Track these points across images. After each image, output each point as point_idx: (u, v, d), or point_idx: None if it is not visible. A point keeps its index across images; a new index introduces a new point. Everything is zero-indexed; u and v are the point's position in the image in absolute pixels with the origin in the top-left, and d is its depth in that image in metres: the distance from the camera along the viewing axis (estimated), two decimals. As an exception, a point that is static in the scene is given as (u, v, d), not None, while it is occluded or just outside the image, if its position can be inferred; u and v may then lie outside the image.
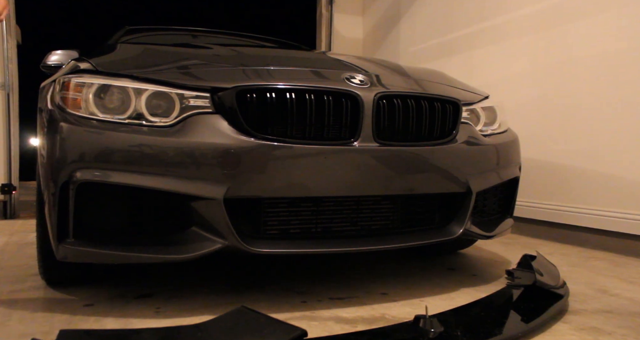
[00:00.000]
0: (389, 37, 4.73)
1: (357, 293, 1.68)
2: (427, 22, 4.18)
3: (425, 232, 1.70)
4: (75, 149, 1.36)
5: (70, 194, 1.35)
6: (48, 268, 1.66)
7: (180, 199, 1.38)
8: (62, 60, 2.30)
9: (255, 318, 1.24)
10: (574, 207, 2.77)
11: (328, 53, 3.69)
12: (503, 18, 3.32)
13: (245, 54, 2.01)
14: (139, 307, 1.50)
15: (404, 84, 1.73)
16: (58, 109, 1.44)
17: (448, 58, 3.87)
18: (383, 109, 1.56)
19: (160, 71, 1.52)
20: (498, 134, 1.91)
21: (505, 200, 1.98)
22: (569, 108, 2.81)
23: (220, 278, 1.86)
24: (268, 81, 1.49)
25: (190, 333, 1.19)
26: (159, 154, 1.36)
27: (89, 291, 1.65)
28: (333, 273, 1.97)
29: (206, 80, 1.48)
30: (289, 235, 1.53)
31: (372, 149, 1.52)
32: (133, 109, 1.42)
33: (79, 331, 1.23)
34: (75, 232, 1.37)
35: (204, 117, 1.43)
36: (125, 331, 1.27)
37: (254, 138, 1.41)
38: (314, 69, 1.67)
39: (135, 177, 1.35)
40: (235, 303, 1.47)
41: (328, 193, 1.50)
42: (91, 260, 1.42)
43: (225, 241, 1.40)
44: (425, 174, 1.63)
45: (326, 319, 1.42)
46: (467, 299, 1.63)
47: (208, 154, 1.38)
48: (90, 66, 1.53)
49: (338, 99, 1.51)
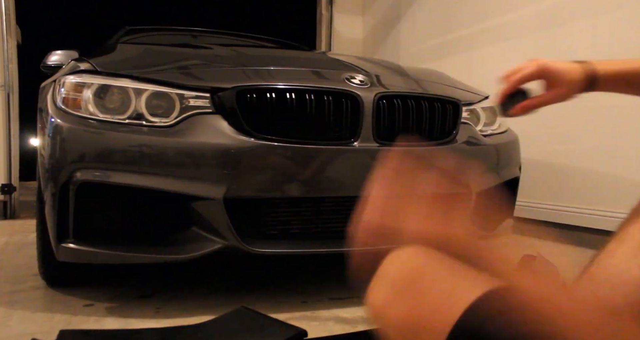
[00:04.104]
0: (389, 37, 4.73)
1: (357, 293, 1.68)
2: (427, 22, 4.18)
3: (425, 232, 1.70)
4: (75, 149, 1.37)
5: (70, 194, 1.35)
6: (48, 268, 1.66)
7: (180, 199, 1.38)
8: (62, 60, 2.30)
9: (255, 318, 1.24)
10: (573, 207, 2.77)
11: (328, 53, 3.69)
12: (503, 18, 3.32)
13: (245, 54, 2.01)
14: (139, 307, 1.50)
15: (404, 84, 1.73)
16: (58, 109, 1.44)
17: (448, 58, 3.87)
18: (383, 109, 1.56)
19: (160, 71, 1.52)
20: (498, 134, 1.91)
21: (505, 200, 1.98)
22: (569, 108, 2.81)
23: (220, 278, 1.86)
24: (268, 81, 1.49)
25: (190, 333, 1.19)
26: (159, 154, 1.36)
27: (89, 291, 1.65)
28: (333, 273, 1.97)
29: (206, 81, 1.48)
30: (289, 235, 1.53)
31: (372, 149, 1.52)
32: (133, 109, 1.42)
33: (79, 331, 1.23)
34: (75, 233, 1.37)
35: (204, 117, 1.43)
36: (125, 331, 1.27)
37: (254, 138, 1.41)
38: (314, 69, 1.67)
39: (135, 177, 1.35)
40: (235, 303, 1.47)
41: (328, 193, 1.50)
42: (91, 260, 1.42)
43: (225, 241, 1.40)
44: (425, 174, 1.62)
45: (326, 319, 1.42)
46: (467, 299, 1.62)
47: (208, 154, 1.38)
48: (90, 66, 1.52)
49: (338, 99, 1.51)
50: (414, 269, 0.53)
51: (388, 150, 1.56)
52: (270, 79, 1.52)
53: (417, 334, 0.49)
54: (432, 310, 0.48)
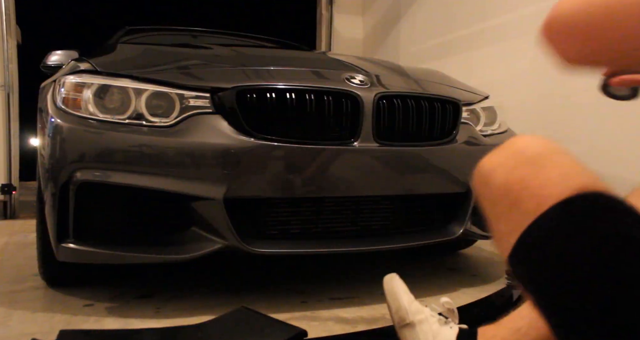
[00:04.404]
0: (389, 37, 4.73)
1: (357, 293, 1.68)
2: (427, 22, 4.18)
3: (426, 232, 1.70)
4: (75, 149, 1.37)
5: (70, 194, 1.35)
6: (48, 268, 1.66)
7: (180, 199, 1.38)
8: (62, 60, 2.30)
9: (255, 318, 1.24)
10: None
11: (328, 53, 3.69)
12: (503, 18, 3.32)
13: (245, 54, 2.01)
14: (139, 307, 1.50)
15: (404, 84, 1.73)
16: (58, 109, 1.44)
17: (448, 58, 3.87)
18: (383, 109, 1.56)
19: (160, 71, 1.52)
20: (498, 134, 1.91)
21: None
22: (569, 108, 2.81)
23: (220, 278, 1.86)
24: (268, 81, 1.49)
25: (190, 333, 1.19)
26: (159, 154, 1.36)
27: (89, 291, 1.65)
28: (333, 273, 1.97)
29: (206, 81, 1.48)
30: (289, 235, 1.53)
31: (372, 149, 1.52)
32: (133, 109, 1.42)
33: (79, 331, 1.23)
34: (75, 233, 1.37)
35: (204, 117, 1.43)
36: (125, 331, 1.27)
37: (254, 138, 1.41)
38: (314, 69, 1.67)
39: (135, 177, 1.35)
40: (235, 303, 1.47)
41: (328, 193, 1.50)
42: (91, 260, 1.42)
43: (225, 241, 1.40)
44: (425, 174, 1.63)
45: (326, 319, 1.42)
46: (467, 299, 1.62)
47: (208, 154, 1.38)
48: (90, 66, 1.53)
49: (338, 99, 1.51)
50: (540, 145, 0.57)
51: (388, 150, 1.56)
52: (270, 79, 1.52)
53: (517, 200, 0.53)
54: (542, 185, 0.52)
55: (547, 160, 0.54)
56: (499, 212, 0.57)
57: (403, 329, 0.98)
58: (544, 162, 0.54)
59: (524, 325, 0.82)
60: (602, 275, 0.43)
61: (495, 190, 0.57)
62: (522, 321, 0.83)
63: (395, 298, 1.02)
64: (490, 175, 0.58)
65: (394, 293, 1.04)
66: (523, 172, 0.54)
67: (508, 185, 0.55)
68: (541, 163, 0.54)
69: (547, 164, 0.54)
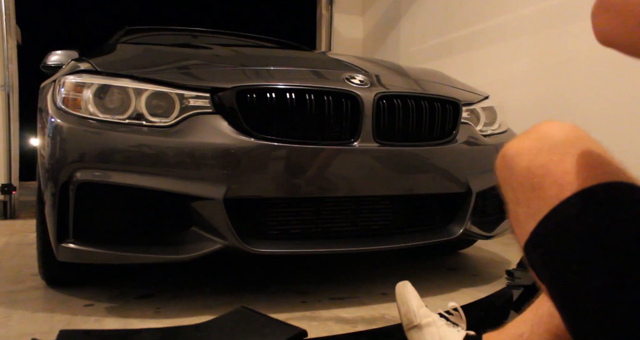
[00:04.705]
0: (389, 37, 4.73)
1: (357, 293, 1.68)
2: (427, 22, 4.18)
3: (426, 232, 1.70)
4: (75, 149, 1.36)
5: (70, 194, 1.35)
6: (48, 268, 1.66)
7: (180, 199, 1.38)
8: (62, 60, 2.30)
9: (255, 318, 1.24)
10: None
11: (328, 53, 3.69)
12: (503, 18, 3.32)
13: (245, 54, 2.01)
14: (139, 307, 1.50)
15: (404, 84, 1.73)
16: (58, 109, 1.44)
17: (448, 58, 3.87)
18: (383, 109, 1.56)
19: (160, 71, 1.52)
20: (498, 134, 1.91)
21: (505, 200, 1.98)
22: (569, 108, 2.81)
23: (220, 278, 1.86)
24: (268, 81, 1.49)
25: (190, 333, 1.19)
26: (159, 154, 1.36)
27: (89, 291, 1.65)
28: (333, 273, 1.97)
29: (206, 81, 1.48)
30: (289, 235, 1.53)
31: (372, 149, 1.52)
32: (133, 109, 1.42)
33: (79, 331, 1.23)
34: (75, 232, 1.37)
35: (204, 117, 1.43)
36: (125, 331, 1.27)
37: (253, 138, 1.41)
38: (314, 69, 1.67)
39: (135, 177, 1.35)
40: (235, 303, 1.47)
41: (328, 193, 1.50)
42: (91, 260, 1.42)
43: (225, 241, 1.40)
44: (425, 174, 1.63)
45: (326, 319, 1.42)
46: (467, 299, 1.62)
47: (208, 154, 1.38)
48: (90, 66, 1.53)
49: (338, 99, 1.51)
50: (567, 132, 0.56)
51: (388, 150, 1.56)
52: (270, 79, 1.52)
53: (539, 185, 0.52)
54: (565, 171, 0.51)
55: (573, 148, 0.54)
56: (519, 197, 0.56)
57: (411, 330, 1.00)
58: (569, 149, 0.54)
59: (527, 331, 0.82)
60: (622, 264, 0.43)
61: (518, 174, 0.56)
62: (525, 326, 0.83)
63: (405, 302, 1.04)
64: (514, 159, 0.58)
65: (405, 297, 1.05)
66: (547, 157, 0.54)
67: (531, 170, 0.54)
68: (566, 150, 0.54)
69: (572, 151, 0.53)
